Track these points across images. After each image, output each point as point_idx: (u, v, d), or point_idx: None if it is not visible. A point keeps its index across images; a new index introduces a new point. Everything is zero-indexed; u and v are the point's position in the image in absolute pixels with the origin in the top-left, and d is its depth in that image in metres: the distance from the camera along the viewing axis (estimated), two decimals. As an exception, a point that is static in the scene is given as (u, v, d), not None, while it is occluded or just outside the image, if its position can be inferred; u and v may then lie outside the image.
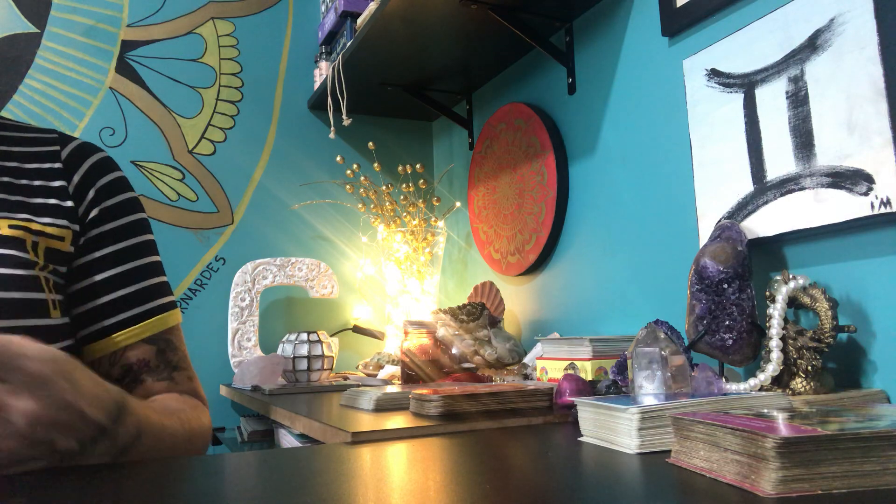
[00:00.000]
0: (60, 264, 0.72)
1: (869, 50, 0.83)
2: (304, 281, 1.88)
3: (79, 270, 0.74)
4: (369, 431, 0.75)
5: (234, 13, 2.04)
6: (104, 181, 0.77)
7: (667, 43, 1.20)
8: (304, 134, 2.07)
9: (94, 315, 0.74)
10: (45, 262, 0.70)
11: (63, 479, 0.53)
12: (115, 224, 0.76)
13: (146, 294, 0.76)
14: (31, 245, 0.69)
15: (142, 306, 0.76)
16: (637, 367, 0.79)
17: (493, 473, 0.54)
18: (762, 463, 0.43)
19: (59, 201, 0.73)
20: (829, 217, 0.88)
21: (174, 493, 0.51)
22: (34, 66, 1.79)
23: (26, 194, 0.72)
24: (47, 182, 0.74)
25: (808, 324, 0.92)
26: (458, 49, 1.63)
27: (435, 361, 1.28)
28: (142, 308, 0.76)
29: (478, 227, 1.83)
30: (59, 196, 0.74)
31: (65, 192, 0.74)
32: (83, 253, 0.74)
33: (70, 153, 0.77)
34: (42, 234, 0.70)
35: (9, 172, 0.73)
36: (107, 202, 0.76)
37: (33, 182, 0.73)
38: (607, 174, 1.37)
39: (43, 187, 0.74)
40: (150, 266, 0.78)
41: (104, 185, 0.77)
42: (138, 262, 0.77)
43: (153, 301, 0.77)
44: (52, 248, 0.71)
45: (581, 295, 1.44)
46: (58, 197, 0.74)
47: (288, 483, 0.52)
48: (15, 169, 0.74)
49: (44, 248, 0.70)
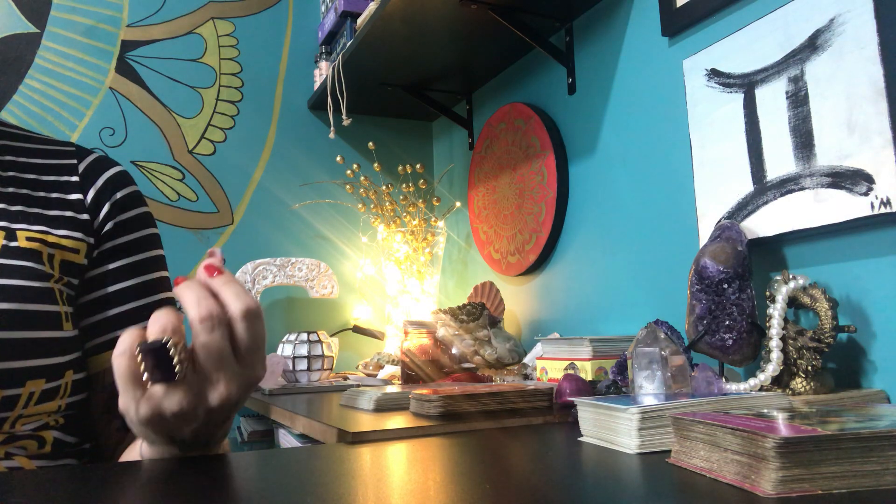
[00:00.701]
0: (74, 276, 0.73)
1: (869, 50, 0.83)
2: (304, 281, 1.88)
3: (91, 282, 0.75)
4: (369, 431, 0.75)
5: (234, 13, 2.04)
6: (119, 195, 0.78)
7: (667, 43, 1.20)
8: (304, 134, 2.07)
9: (104, 326, 0.75)
10: (60, 274, 0.71)
11: (63, 480, 0.53)
12: (128, 238, 0.77)
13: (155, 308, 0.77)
14: (48, 257, 0.70)
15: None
16: (637, 367, 0.79)
17: (493, 473, 0.54)
18: (762, 463, 0.43)
19: (76, 214, 0.74)
20: (829, 217, 0.88)
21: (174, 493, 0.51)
22: (34, 66, 1.79)
23: (43, 206, 0.73)
24: (64, 195, 0.75)
25: (808, 324, 0.92)
26: (458, 49, 1.63)
27: (435, 361, 1.28)
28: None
29: (478, 227, 1.83)
30: (76, 209, 0.74)
31: (81, 206, 0.75)
32: (96, 265, 0.75)
33: (87, 167, 0.78)
34: (58, 246, 0.71)
35: (27, 185, 0.74)
36: (121, 216, 0.77)
37: (50, 194, 0.74)
38: (607, 174, 1.37)
39: (60, 200, 0.74)
40: (160, 280, 0.79)
41: (119, 199, 0.78)
42: (149, 277, 0.78)
43: None
44: (67, 261, 0.72)
45: (581, 295, 1.44)
46: (74, 210, 0.74)
47: (288, 483, 0.52)
48: (33, 181, 0.74)
49: (59, 261, 0.71)
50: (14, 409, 0.66)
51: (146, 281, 0.77)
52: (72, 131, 1.80)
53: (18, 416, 0.66)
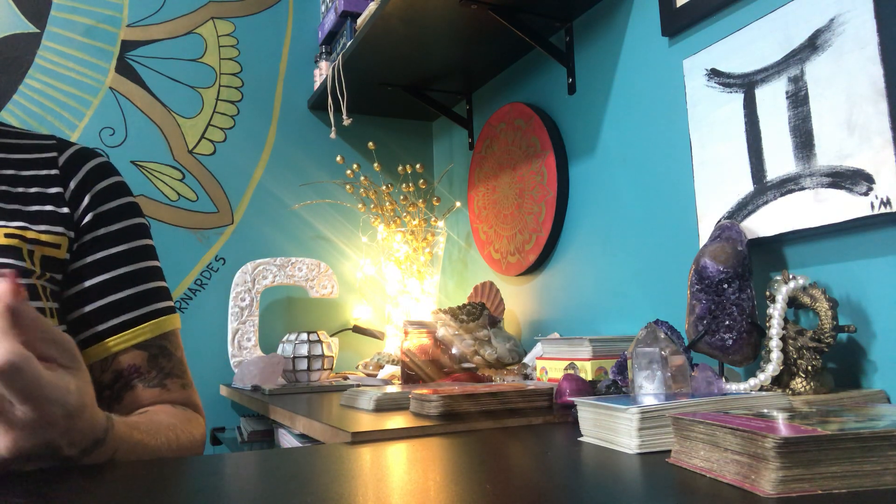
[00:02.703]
0: (56, 272, 0.72)
1: (869, 50, 0.83)
2: (304, 281, 1.88)
3: (72, 276, 0.74)
4: (369, 431, 0.75)
5: (234, 13, 2.04)
6: (100, 186, 0.77)
7: (667, 43, 1.20)
8: (304, 134, 2.07)
9: (86, 320, 0.74)
10: (41, 270, 0.70)
11: (63, 480, 0.53)
12: (109, 229, 0.76)
13: (139, 299, 0.76)
14: (28, 253, 0.69)
15: (134, 311, 0.75)
16: (637, 367, 0.79)
17: (493, 473, 0.54)
18: (762, 463, 0.43)
19: (56, 208, 0.73)
20: (829, 217, 0.88)
21: (174, 493, 0.51)
22: (34, 66, 1.79)
23: (22, 202, 0.72)
24: (44, 189, 0.74)
25: (808, 324, 0.92)
26: (458, 49, 1.63)
27: (435, 361, 1.28)
28: (135, 313, 0.75)
29: (478, 227, 1.83)
30: (56, 203, 0.73)
31: (61, 199, 0.74)
32: (77, 258, 0.74)
33: (67, 159, 0.77)
34: (37, 241, 0.70)
35: (5, 180, 0.73)
36: (101, 207, 0.76)
37: (30, 189, 0.73)
38: (607, 174, 1.37)
39: (39, 194, 0.73)
40: (145, 270, 0.77)
41: (100, 190, 0.76)
42: (132, 267, 0.76)
43: (147, 306, 0.76)
44: (47, 256, 0.71)
45: (581, 295, 1.44)
46: (54, 204, 0.73)
47: (288, 483, 0.52)
48: (11, 177, 0.73)
49: (39, 257, 0.70)
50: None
51: (128, 272, 0.75)
52: (72, 131, 1.80)
53: None
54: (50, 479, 0.53)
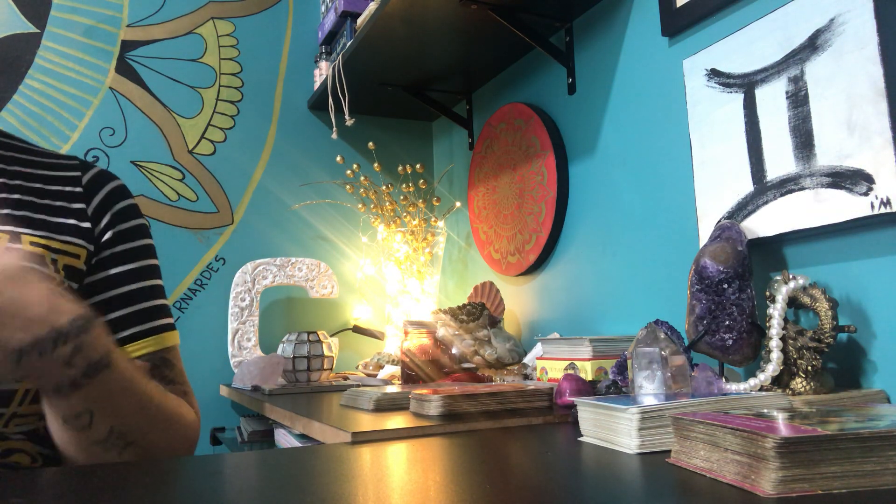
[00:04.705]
0: (75, 281, 0.75)
1: (869, 50, 0.83)
2: (304, 281, 1.88)
3: (88, 288, 0.77)
4: (369, 431, 0.75)
5: (234, 13, 2.04)
6: (119, 207, 0.82)
7: (667, 43, 1.20)
8: (304, 134, 2.07)
9: None
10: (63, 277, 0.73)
11: (63, 479, 0.53)
12: (126, 246, 0.80)
13: (147, 314, 0.80)
14: (51, 261, 0.73)
15: (142, 325, 0.79)
16: (637, 367, 0.79)
17: (493, 473, 0.54)
18: (762, 463, 0.43)
19: (78, 222, 0.78)
20: (829, 217, 0.88)
21: (174, 493, 0.51)
22: (34, 66, 1.79)
23: (47, 213, 0.76)
24: (67, 203, 0.78)
25: (808, 324, 0.92)
26: (458, 49, 1.63)
27: (435, 361, 1.28)
28: (142, 327, 0.79)
29: (478, 227, 1.83)
30: (78, 217, 0.78)
31: (83, 215, 0.78)
32: (94, 272, 0.78)
33: (90, 179, 0.82)
34: (61, 251, 0.74)
35: (33, 192, 0.77)
36: (120, 226, 0.81)
37: (55, 203, 0.78)
38: (607, 174, 1.37)
39: (63, 208, 0.78)
40: (153, 288, 0.82)
41: (119, 210, 0.81)
42: (143, 284, 0.81)
43: (153, 321, 0.80)
44: (69, 266, 0.75)
45: (581, 295, 1.44)
46: (77, 218, 0.78)
47: (288, 483, 0.52)
48: (39, 189, 0.78)
49: (62, 265, 0.74)
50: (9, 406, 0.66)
51: (139, 288, 0.80)
52: (72, 131, 1.80)
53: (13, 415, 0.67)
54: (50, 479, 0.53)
